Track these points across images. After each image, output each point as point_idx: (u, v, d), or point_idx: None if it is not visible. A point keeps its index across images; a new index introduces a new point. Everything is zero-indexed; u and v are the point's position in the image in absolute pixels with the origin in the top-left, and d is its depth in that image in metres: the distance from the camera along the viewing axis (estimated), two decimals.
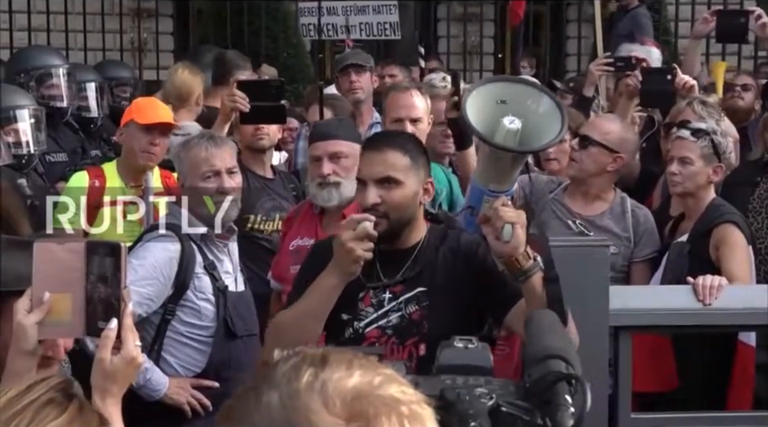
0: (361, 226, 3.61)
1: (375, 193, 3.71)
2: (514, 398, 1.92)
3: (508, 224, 3.44)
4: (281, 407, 1.33)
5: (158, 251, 4.52)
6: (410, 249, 3.82)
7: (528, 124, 3.59)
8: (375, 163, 3.75)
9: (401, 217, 3.74)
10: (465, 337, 2.06)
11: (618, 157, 5.34)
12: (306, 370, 1.36)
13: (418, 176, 3.77)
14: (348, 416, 1.31)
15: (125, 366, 2.58)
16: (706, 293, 4.76)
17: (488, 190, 3.60)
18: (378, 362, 1.44)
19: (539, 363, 1.95)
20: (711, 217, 5.23)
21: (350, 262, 3.61)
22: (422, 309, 3.76)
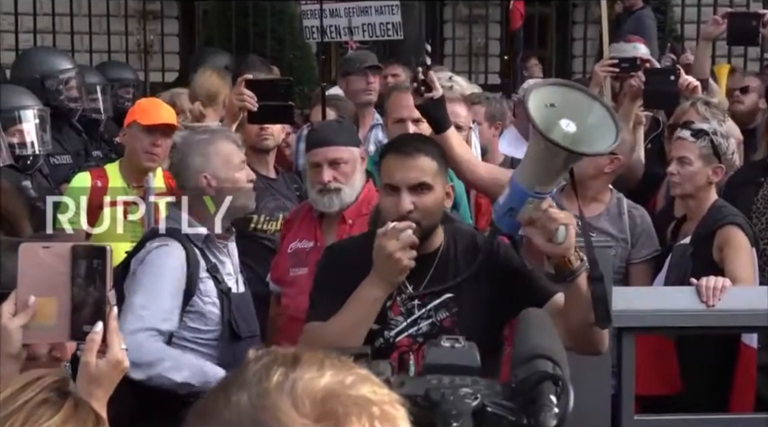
0: (406, 234, 3.57)
1: (410, 200, 3.66)
2: (499, 398, 1.90)
3: (562, 225, 3.45)
4: (250, 406, 1.31)
5: (168, 262, 4.47)
6: (432, 253, 3.78)
7: (581, 129, 3.57)
8: (408, 169, 3.70)
9: (431, 223, 3.72)
10: (452, 337, 2.05)
11: (615, 159, 5.30)
12: (277, 370, 1.34)
13: (443, 181, 3.77)
14: (317, 416, 1.29)
15: (110, 370, 2.56)
16: (709, 294, 4.74)
17: (533, 192, 3.55)
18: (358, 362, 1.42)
19: (526, 363, 1.94)
20: (714, 218, 5.21)
21: (397, 272, 3.58)
22: (452, 316, 3.72)
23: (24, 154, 6.05)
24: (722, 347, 5.19)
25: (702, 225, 5.24)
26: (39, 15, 12.66)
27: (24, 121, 6.10)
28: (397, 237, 3.56)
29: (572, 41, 15.54)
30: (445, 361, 1.98)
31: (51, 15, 12.68)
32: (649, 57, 6.81)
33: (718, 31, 7.67)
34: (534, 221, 3.48)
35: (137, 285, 4.38)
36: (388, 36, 8.93)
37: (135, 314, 4.28)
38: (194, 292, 4.50)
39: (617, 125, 3.55)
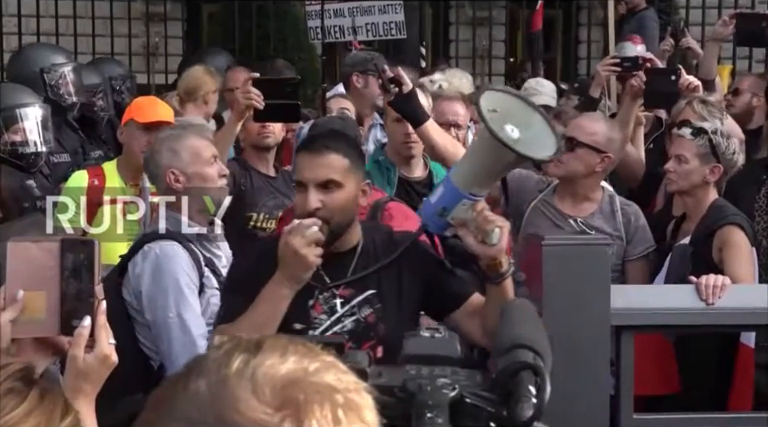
0: (312, 231, 3.55)
1: (316, 198, 3.65)
2: (479, 389, 1.87)
3: (497, 227, 3.48)
4: (208, 394, 1.28)
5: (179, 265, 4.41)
6: (351, 251, 3.79)
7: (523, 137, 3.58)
8: (315, 166, 3.69)
9: (342, 221, 3.70)
10: (432, 327, 2.02)
11: (605, 157, 5.27)
12: (238, 357, 1.31)
13: (356, 178, 3.73)
14: (278, 404, 1.26)
15: (98, 365, 2.53)
16: (709, 292, 4.71)
17: (468, 194, 3.56)
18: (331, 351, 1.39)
19: (506, 353, 1.90)
20: (714, 218, 5.17)
21: (303, 269, 3.56)
22: (376, 312, 3.74)
23: (27, 153, 6.01)
24: (720, 347, 5.15)
25: (701, 224, 5.21)
26: (43, 17, 12.64)
27: (25, 119, 6.06)
28: (302, 234, 3.54)
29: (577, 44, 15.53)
30: (424, 351, 1.95)
31: (54, 17, 12.67)
32: (651, 57, 6.76)
33: (727, 32, 7.67)
34: (466, 222, 3.51)
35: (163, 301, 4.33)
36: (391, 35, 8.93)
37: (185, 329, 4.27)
38: (203, 287, 4.47)
39: (555, 135, 3.60)
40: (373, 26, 8.86)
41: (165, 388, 1.35)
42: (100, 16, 13.02)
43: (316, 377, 1.30)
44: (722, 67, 9.45)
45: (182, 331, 4.27)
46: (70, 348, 2.56)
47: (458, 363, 1.96)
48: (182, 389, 1.30)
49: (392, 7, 8.61)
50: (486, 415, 1.86)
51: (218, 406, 1.27)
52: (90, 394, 2.55)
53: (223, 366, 1.30)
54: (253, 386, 1.27)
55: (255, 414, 1.25)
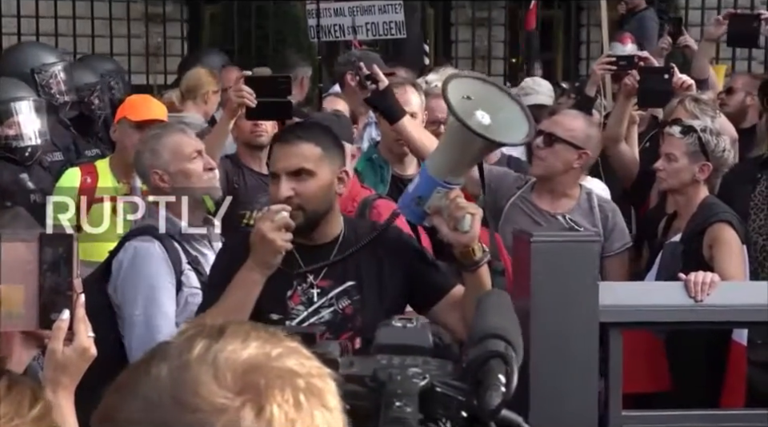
0: (280, 216, 3.60)
1: (288, 186, 3.70)
2: (450, 379, 1.87)
3: (468, 214, 3.50)
4: (169, 379, 1.29)
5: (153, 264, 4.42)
6: (331, 243, 3.82)
7: (494, 123, 3.60)
8: (286, 156, 3.75)
9: (316, 209, 3.74)
10: (404, 317, 2.03)
11: (583, 154, 5.28)
12: (200, 342, 1.32)
13: (331, 166, 3.77)
14: (239, 389, 1.27)
15: (77, 358, 2.55)
16: (697, 289, 4.69)
17: (443, 182, 3.59)
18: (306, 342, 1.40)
19: (478, 343, 1.90)
20: (704, 216, 5.19)
21: (271, 254, 3.59)
22: (353, 304, 3.76)
23: (21, 146, 6.01)
24: (712, 344, 5.15)
25: (692, 222, 5.22)
26: (42, 18, 12.64)
27: (19, 112, 6.07)
28: (271, 219, 3.58)
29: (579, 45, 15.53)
30: (396, 340, 1.95)
31: (54, 18, 12.67)
32: (647, 55, 6.76)
33: (719, 32, 7.69)
34: (440, 210, 3.54)
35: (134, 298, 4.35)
36: (391, 35, 8.95)
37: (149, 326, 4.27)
38: (181, 287, 4.47)
39: (529, 121, 3.60)
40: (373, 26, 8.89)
41: (127, 372, 1.36)
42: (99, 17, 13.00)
43: (278, 362, 1.31)
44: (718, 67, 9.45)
45: (146, 329, 4.27)
46: (49, 341, 2.57)
47: (429, 353, 1.96)
48: (144, 374, 1.32)
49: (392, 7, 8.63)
50: (456, 404, 1.86)
51: (177, 389, 1.27)
52: (69, 387, 2.56)
53: (185, 351, 1.31)
54: (214, 371, 1.28)
55: (215, 398, 1.26)
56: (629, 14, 10.76)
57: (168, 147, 4.61)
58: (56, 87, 6.83)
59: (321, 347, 1.90)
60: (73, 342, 2.57)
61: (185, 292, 4.48)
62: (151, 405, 1.28)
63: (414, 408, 1.75)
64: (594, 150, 5.40)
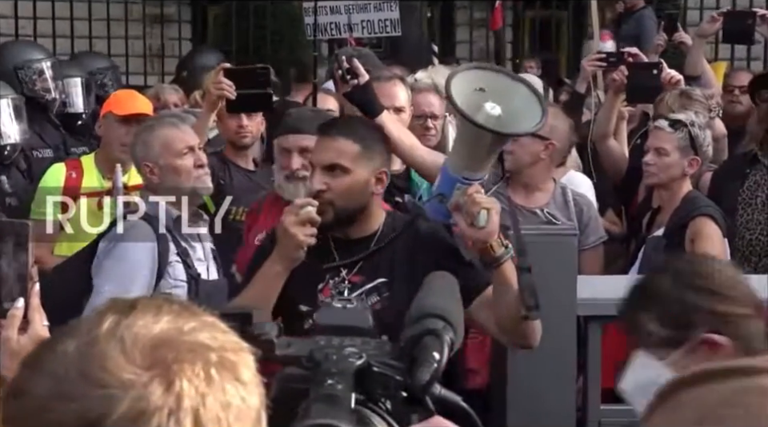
0: (304, 211, 3.57)
1: (320, 180, 3.68)
2: (388, 358, 1.86)
3: (484, 209, 3.44)
4: (76, 354, 1.27)
5: (137, 247, 4.42)
6: (367, 238, 3.78)
7: (507, 112, 3.56)
8: (324, 150, 3.73)
9: (347, 206, 3.70)
10: (344, 297, 2.02)
11: (549, 144, 5.24)
12: (109, 317, 1.30)
13: (369, 165, 3.73)
14: (148, 364, 1.25)
15: (32, 346, 2.49)
16: None
17: (461, 178, 3.57)
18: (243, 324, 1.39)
19: (416, 322, 1.90)
20: (687, 210, 5.18)
21: (293, 248, 3.57)
22: (383, 301, 3.70)
23: (1, 144, 6.00)
24: None
25: (674, 216, 5.22)
26: (39, 19, 12.62)
27: None
28: (296, 213, 3.57)
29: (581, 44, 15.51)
30: (335, 321, 1.95)
31: (51, 19, 12.65)
32: (637, 52, 6.75)
33: (713, 29, 7.67)
34: (460, 206, 3.49)
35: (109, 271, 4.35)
36: (386, 33, 8.96)
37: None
38: (162, 275, 4.45)
39: (542, 106, 3.55)
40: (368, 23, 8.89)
41: (36, 349, 1.35)
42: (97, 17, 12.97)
43: (189, 336, 1.30)
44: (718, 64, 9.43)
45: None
46: (3, 329, 2.56)
47: (369, 334, 1.95)
48: (51, 350, 1.30)
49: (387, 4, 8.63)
50: (394, 383, 1.85)
51: (84, 364, 1.26)
52: None
53: (94, 327, 1.30)
54: (122, 346, 1.26)
55: (123, 373, 1.24)
56: (627, 13, 10.76)
57: (159, 140, 4.60)
58: (40, 84, 6.76)
59: (257, 328, 1.90)
60: (28, 331, 2.55)
61: (170, 283, 4.47)
62: (58, 380, 1.26)
63: (346, 385, 1.74)
64: (562, 140, 5.36)
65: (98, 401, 1.23)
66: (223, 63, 5.49)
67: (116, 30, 13.07)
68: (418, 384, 1.78)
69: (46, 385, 1.26)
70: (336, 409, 1.66)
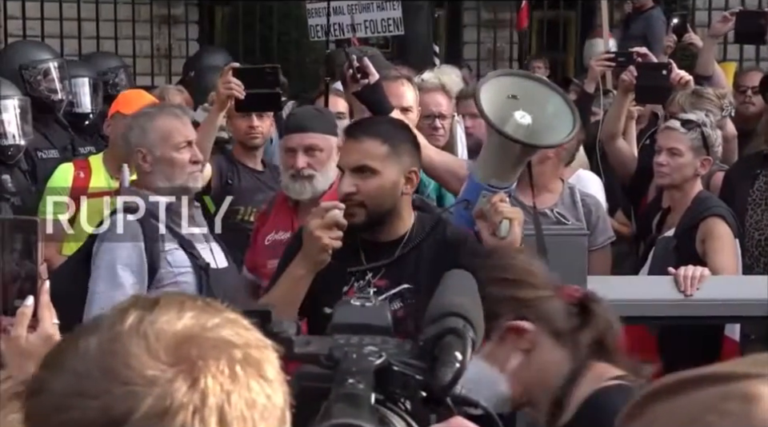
0: (329, 214, 3.56)
1: (350, 182, 3.66)
2: (408, 357, 1.84)
3: (506, 219, 3.43)
4: (98, 352, 1.25)
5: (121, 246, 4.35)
6: (396, 241, 3.76)
7: (538, 121, 3.53)
8: (352, 151, 3.71)
9: (378, 207, 3.68)
10: (363, 295, 2.00)
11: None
12: (132, 314, 1.29)
13: (398, 165, 3.70)
14: (172, 360, 1.24)
15: (41, 345, 2.49)
16: (687, 283, 4.66)
17: (487, 186, 3.54)
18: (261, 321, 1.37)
19: (436, 321, 1.88)
20: (697, 210, 5.16)
21: (318, 251, 3.56)
22: (406, 307, 3.67)
23: (5, 145, 5.97)
24: (704, 340, 5.10)
25: (685, 217, 5.19)
26: (47, 20, 12.63)
27: (3, 110, 6.01)
28: (321, 215, 3.55)
29: None
30: (353, 320, 1.92)
31: (59, 20, 12.66)
32: (646, 51, 6.73)
33: (725, 28, 7.66)
34: (484, 214, 3.46)
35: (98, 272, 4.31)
36: (389, 32, 8.95)
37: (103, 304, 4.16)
38: (158, 267, 4.39)
39: (574, 115, 3.51)
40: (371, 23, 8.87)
41: (56, 347, 1.33)
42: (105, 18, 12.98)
43: (213, 332, 1.28)
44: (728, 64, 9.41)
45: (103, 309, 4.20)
46: (13, 328, 2.53)
47: (388, 332, 1.93)
48: (72, 347, 1.28)
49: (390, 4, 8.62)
50: (414, 383, 1.83)
51: (107, 361, 1.24)
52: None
53: (116, 323, 1.28)
54: (146, 342, 1.25)
55: (147, 370, 1.23)
56: (635, 13, 10.74)
57: (158, 129, 4.54)
58: (45, 85, 6.72)
59: (276, 325, 1.87)
60: (37, 329, 2.53)
61: (172, 271, 4.41)
62: (79, 377, 1.24)
63: (367, 385, 1.71)
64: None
65: (122, 397, 1.21)
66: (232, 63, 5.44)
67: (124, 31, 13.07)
68: (440, 384, 1.76)
69: (67, 382, 1.25)
70: (358, 409, 1.63)
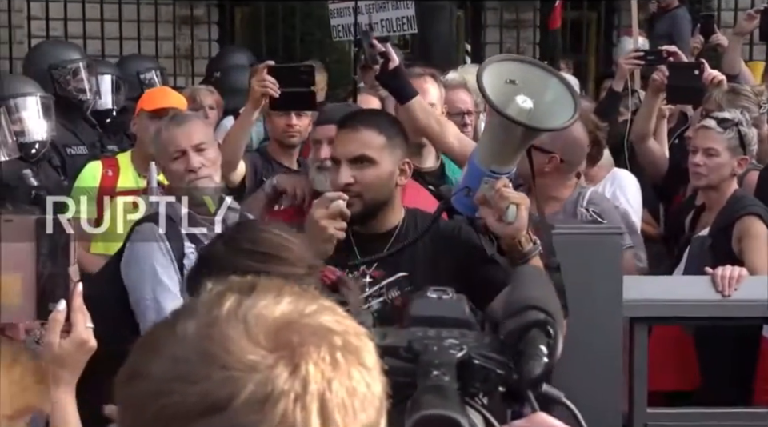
0: (334, 204, 3.55)
1: (348, 173, 3.64)
2: (488, 351, 1.83)
3: (513, 204, 3.39)
4: (196, 336, 1.23)
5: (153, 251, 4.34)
6: (388, 233, 3.74)
7: (539, 106, 3.50)
8: (349, 142, 3.69)
9: (375, 198, 3.67)
10: (439, 288, 1.98)
11: (551, 158, 4.83)
12: (230, 298, 1.27)
13: (393, 155, 3.70)
14: (272, 346, 1.22)
15: (75, 350, 2.45)
16: (725, 283, 4.63)
17: (488, 171, 3.50)
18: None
19: (516, 315, 1.86)
20: (733, 209, 5.10)
21: (322, 241, 3.52)
22: (403, 296, 3.65)
23: (27, 142, 5.97)
24: (742, 340, 5.06)
25: (720, 216, 5.13)
26: (70, 21, 12.65)
27: (25, 108, 6.03)
28: (326, 205, 3.54)
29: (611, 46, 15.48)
30: (431, 312, 1.91)
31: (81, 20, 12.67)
32: (675, 50, 6.69)
33: (751, 26, 7.63)
34: (487, 200, 3.42)
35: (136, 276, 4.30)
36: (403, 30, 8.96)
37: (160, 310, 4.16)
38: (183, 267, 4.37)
39: (575, 101, 3.48)
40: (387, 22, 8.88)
41: (151, 331, 1.31)
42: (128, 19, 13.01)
43: (312, 318, 1.27)
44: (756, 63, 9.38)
45: (157, 314, 4.18)
46: (45, 333, 2.47)
47: (466, 325, 1.92)
48: (169, 332, 1.26)
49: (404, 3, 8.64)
50: (495, 377, 1.81)
51: (206, 345, 1.22)
52: (70, 382, 2.47)
53: (214, 308, 1.26)
54: (245, 327, 1.23)
55: (247, 355, 1.21)
56: (660, 12, 10.70)
57: (159, 142, 4.61)
58: (74, 84, 6.75)
59: (353, 317, 1.86)
60: (70, 334, 2.46)
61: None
62: (177, 362, 1.22)
63: (451, 377, 1.70)
64: (567, 153, 4.90)
65: (222, 383, 1.19)
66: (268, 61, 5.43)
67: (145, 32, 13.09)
68: (527, 378, 1.74)
69: (165, 367, 1.22)
70: (447, 400, 1.62)
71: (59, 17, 12.70)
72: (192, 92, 7.16)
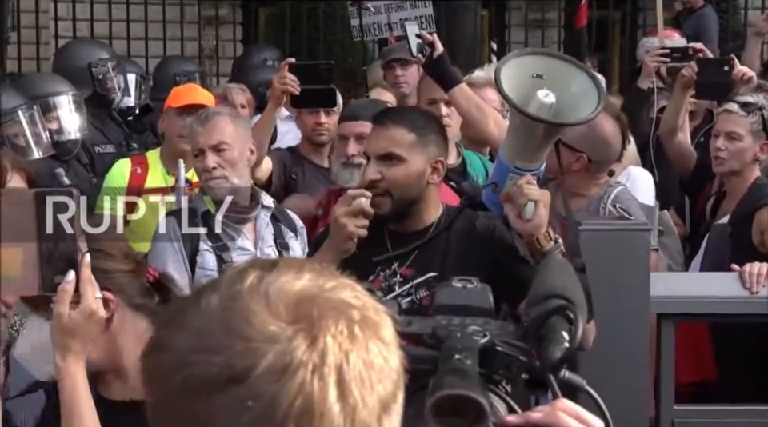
0: (356, 202, 3.51)
1: (375, 169, 3.62)
2: (511, 338, 1.83)
3: (531, 201, 3.36)
4: (219, 309, 1.28)
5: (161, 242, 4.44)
6: (422, 231, 3.71)
7: (563, 100, 3.47)
8: (378, 139, 3.67)
9: (404, 196, 3.64)
10: (464, 277, 1.98)
11: (579, 157, 4.78)
12: (252, 273, 1.31)
13: (425, 154, 3.66)
14: (291, 318, 1.25)
15: (84, 321, 2.43)
16: (753, 280, 4.58)
17: (513, 167, 3.48)
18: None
19: (539, 303, 1.87)
20: (754, 198, 5.03)
21: (342, 239, 3.51)
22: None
23: (61, 140, 6.02)
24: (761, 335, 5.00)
25: (741, 204, 5.06)
26: (96, 21, 12.72)
27: (59, 107, 6.08)
28: (348, 203, 3.51)
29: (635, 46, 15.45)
30: (455, 301, 1.92)
31: (108, 21, 12.75)
32: (701, 47, 6.66)
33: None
34: (511, 196, 3.40)
35: None
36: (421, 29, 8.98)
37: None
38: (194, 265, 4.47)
39: (600, 93, 3.45)
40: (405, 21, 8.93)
41: (175, 305, 1.38)
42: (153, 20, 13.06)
43: (331, 293, 1.30)
44: None
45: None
46: (54, 305, 2.45)
47: (490, 314, 1.92)
48: (193, 305, 1.30)
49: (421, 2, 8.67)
50: (517, 364, 1.82)
51: (228, 318, 1.26)
52: (78, 352, 2.46)
53: (237, 282, 1.30)
54: (266, 300, 1.27)
55: (267, 327, 1.25)
56: (686, 12, 10.66)
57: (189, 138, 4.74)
58: (110, 83, 6.85)
59: None
60: (79, 305, 2.44)
61: (197, 273, 4.47)
62: (200, 334, 1.26)
63: (473, 361, 1.71)
64: (595, 153, 4.84)
65: (243, 354, 1.23)
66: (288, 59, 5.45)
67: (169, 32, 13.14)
68: (548, 362, 1.75)
69: (189, 339, 1.27)
70: (469, 381, 1.63)
71: (85, 18, 12.77)
72: (224, 90, 7.18)
